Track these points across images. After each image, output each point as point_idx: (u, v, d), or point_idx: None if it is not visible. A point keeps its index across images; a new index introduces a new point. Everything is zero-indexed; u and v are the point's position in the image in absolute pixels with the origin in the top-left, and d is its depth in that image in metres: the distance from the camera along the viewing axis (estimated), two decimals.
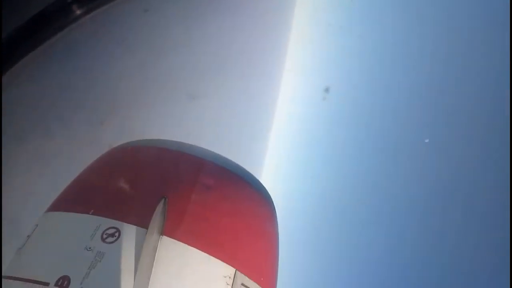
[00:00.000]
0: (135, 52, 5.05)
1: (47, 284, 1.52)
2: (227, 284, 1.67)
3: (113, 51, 4.66)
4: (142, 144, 2.10)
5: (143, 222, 1.69)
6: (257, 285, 1.76)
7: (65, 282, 1.52)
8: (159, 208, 1.73)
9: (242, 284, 1.71)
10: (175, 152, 2.01)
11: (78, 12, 3.50)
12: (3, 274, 1.64)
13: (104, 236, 1.66)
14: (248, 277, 1.73)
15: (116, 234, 1.67)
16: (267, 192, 2.10)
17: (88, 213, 1.72)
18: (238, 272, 1.71)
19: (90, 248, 1.62)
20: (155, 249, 1.66)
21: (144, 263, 1.62)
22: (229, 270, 1.69)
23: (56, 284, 1.51)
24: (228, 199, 1.90)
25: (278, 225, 2.08)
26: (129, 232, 1.68)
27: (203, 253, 1.69)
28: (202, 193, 1.84)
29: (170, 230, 1.70)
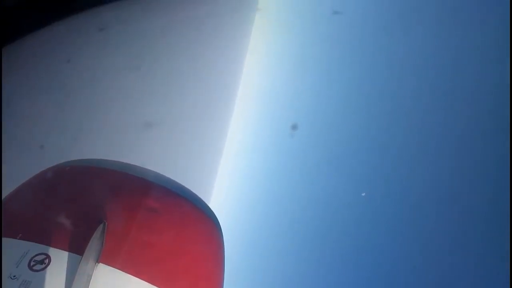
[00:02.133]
0: (82, 72, 5.04)
1: None
2: None
3: (60, 70, 4.63)
4: (80, 164, 2.08)
5: (77, 248, 1.67)
6: None
7: None
8: (97, 233, 1.71)
9: None
10: (117, 172, 2.02)
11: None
12: None
13: (32, 263, 1.61)
14: None
15: (46, 261, 1.63)
16: (215, 216, 2.13)
17: (16, 238, 1.67)
18: None
19: (14, 276, 1.56)
20: (89, 278, 1.63)
21: None
22: None
23: None
24: (173, 224, 1.92)
25: (225, 249, 2.12)
26: (61, 259, 1.65)
27: (143, 282, 1.69)
28: (145, 217, 1.85)
29: (107, 257, 1.68)
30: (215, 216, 2.14)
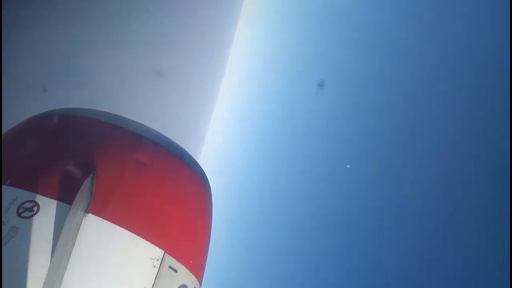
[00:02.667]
0: (92, 13, 4.86)
1: None
2: (154, 266, 1.71)
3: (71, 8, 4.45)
4: (73, 113, 2.05)
5: (66, 198, 1.68)
6: (185, 268, 1.81)
7: None
8: (86, 184, 1.72)
9: (170, 267, 1.75)
10: (109, 124, 1.99)
11: None
12: None
13: (21, 210, 1.63)
14: (177, 260, 1.78)
15: (35, 209, 1.64)
16: (204, 173, 2.13)
17: (4, 184, 1.68)
18: (166, 255, 1.74)
19: (3, 222, 1.59)
20: (78, 227, 1.65)
21: (64, 241, 1.61)
22: (157, 252, 1.73)
23: None
24: (162, 178, 1.92)
25: (214, 206, 2.14)
26: (50, 207, 1.66)
27: (131, 233, 1.71)
28: (135, 170, 1.84)
29: (96, 208, 1.70)
30: (204, 172, 2.13)
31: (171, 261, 1.75)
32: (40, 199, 1.67)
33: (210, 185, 2.15)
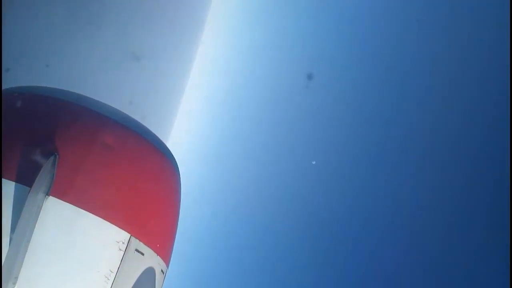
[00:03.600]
0: None
1: None
2: (120, 249, 1.69)
3: None
4: (34, 92, 1.96)
5: (26, 180, 1.62)
6: (152, 251, 1.80)
7: None
8: (47, 166, 1.66)
9: (136, 250, 1.73)
10: (73, 104, 1.91)
11: None
12: None
13: None
14: (143, 243, 1.76)
15: None
16: (173, 156, 2.10)
17: None
18: (132, 238, 1.73)
19: None
20: (38, 210, 1.60)
21: (23, 225, 1.56)
22: (123, 235, 1.71)
23: None
24: (129, 161, 1.88)
25: (183, 189, 2.12)
26: (8, 189, 1.60)
27: (95, 216, 1.68)
28: (99, 152, 1.79)
29: (58, 190, 1.65)
30: (173, 155, 2.10)
31: (137, 244, 1.74)
32: None
33: (179, 169, 2.13)
